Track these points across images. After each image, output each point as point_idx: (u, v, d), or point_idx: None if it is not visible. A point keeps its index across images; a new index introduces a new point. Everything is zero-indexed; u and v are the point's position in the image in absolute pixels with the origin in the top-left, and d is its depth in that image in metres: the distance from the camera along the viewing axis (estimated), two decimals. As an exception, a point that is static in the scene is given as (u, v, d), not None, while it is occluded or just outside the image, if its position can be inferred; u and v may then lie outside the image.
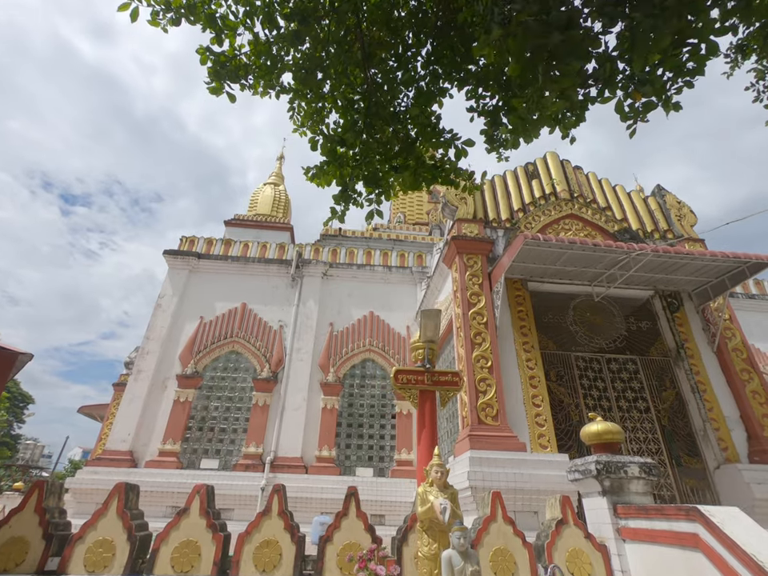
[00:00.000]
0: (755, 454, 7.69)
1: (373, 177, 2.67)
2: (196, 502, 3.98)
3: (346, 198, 2.79)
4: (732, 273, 8.45)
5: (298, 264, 14.26)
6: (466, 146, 2.59)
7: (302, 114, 2.73)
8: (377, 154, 2.60)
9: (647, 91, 1.92)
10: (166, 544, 3.76)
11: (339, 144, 2.56)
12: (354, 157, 2.63)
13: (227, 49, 2.47)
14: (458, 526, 2.64)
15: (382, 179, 2.70)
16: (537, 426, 7.60)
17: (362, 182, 2.70)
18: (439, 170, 2.71)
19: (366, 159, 2.62)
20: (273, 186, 19.24)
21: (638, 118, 2.06)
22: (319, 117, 2.67)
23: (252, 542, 3.84)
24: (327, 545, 3.89)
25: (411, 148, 2.60)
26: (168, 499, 10.28)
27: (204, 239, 14.83)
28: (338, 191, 2.76)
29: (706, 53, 2.06)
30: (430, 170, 2.70)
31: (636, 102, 2.01)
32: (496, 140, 2.51)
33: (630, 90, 1.98)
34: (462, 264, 9.11)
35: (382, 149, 2.60)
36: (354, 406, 12.43)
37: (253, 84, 2.55)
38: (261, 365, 12.59)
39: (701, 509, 3.22)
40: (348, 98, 2.51)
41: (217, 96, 2.50)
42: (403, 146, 2.59)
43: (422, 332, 3.60)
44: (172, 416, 11.66)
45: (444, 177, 2.75)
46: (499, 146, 2.54)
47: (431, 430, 3.59)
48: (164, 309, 13.17)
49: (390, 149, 2.62)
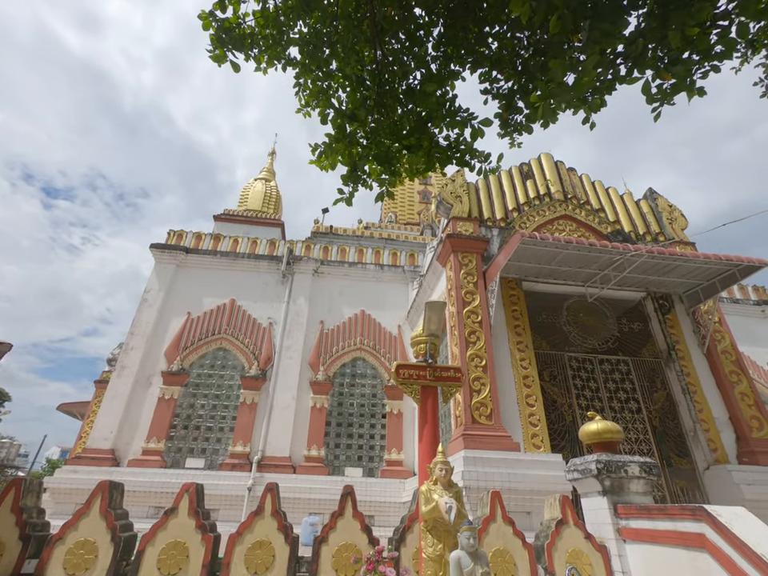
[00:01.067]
0: (744, 455, 7.76)
1: (384, 155, 2.54)
2: (185, 502, 3.80)
3: (355, 178, 2.66)
4: (723, 276, 8.53)
5: (288, 260, 14.05)
6: (483, 126, 2.48)
7: (308, 93, 2.59)
8: (387, 133, 2.48)
9: (678, 71, 1.84)
10: (153, 545, 3.57)
11: (350, 119, 2.42)
12: (366, 133, 2.50)
13: (231, 16, 2.32)
14: (466, 525, 2.52)
15: (394, 159, 2.58)
16: (530, 425, 7.55)
17: (374, 161, 2.57)
18: (454, 150, 2.60)
19: (377, 138, 2.50)
20: (264, 181, 18.95)
21: (665, 100, 1.98)
22: (325, 96, 2.53)
23: (244, 542, 3.67)
24: (322, 546, 3.74)
25: (424, 128, 2.49)
26: (151, 499, 9.98)
27: (192, 233, 14.51)
28: (347, 171, 2.62)
29: (737, 35, 1.99)
30: (444, 151, 2.59)
31: (666, 81, 1.93)
32: (510, 124, 2.41)
33: (659, 70, 1.90)
34: (457, 262, 9.04)
35: (392, 128, 2.47)
36: (343, 405, 12.27)
37: (257, 56, 2.41)
38: (249, 362, 12.34)
39: (707, 508, 3.16)
40: (357, 75, 2.38)
41: (219, 65, 2.35)
42: (415, 125, 2.47)
43: (425, 325, 3.49)
44: (156, 414, 11.35)
45: (459, 158, 2.64)
46: (513, 131, 2.43)
47: (433, 427, 3.48)
48: (150, 304, 12.83)
49: (402, 128, 2.49)
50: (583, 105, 2.14)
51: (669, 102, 2.00)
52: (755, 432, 7.98)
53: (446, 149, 2.58)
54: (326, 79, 2.50)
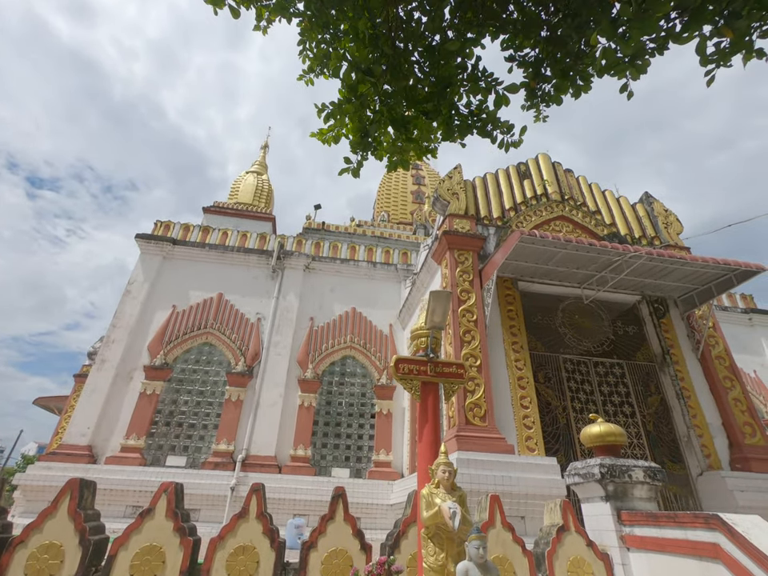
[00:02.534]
0: (736, 462, 7.70)
1: (401, 120, 2.30)
2: (162, 502, 3.51)
3: (365, 145, 2.42)
4: (719, 280, 8.49)
5: (279, 255, 13.72)
6: (508, 93, 2.26)
7: (313, 56, 2.34)
8: (402, 98, 2.25)
9: (740, 27, 1.65)
10: (126, 549, 3.27)
11: (365, 74, 2.18)
12: (379, 95, 2.26)
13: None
14: (475, 533, 2.30)
15: (410, 124, 2.34)
16: (525, 428, 7.38)
17: (388, 125, 2.33)
18: (475, 119, 2.37)
19: (390, 102, 2.27)
20: (256, 174, 18.57)
21: (721, 62, 1.79)
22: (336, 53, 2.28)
23: (226, 547, 3.40)
24: (311, 551, 3.49)
25: (443, 93, 2.26)
26: (129, 498, 9.58)
27: (180, 225, 14.11)
28: (354, 138, 2.38)
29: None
30: (464, 119, 2.36)
31: (727, 37, 1.73)
32: (536, 94, 2.20)
33: (719, 26, 1.71)
34: (453, 260, 8.85)
35: (407, 93, 2.24)
36: (332, 405, 11.99)
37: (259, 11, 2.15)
38: (236, 358, 11.99)
39: (722, 517, 2.99)
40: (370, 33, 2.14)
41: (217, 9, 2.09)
42: (433, 90, 2.25)
43: (428, 316, 3.26)
44: (137, 409, 10.94)
45: (480, 127, 2.41)
46: (540, 101, 2.23)
47: (434, 426, 3.25)
48: (134, 296, 12.40)
49: (418, 93, 2.27)
50: (630, 67, 1.93)
51: (725, 64, 1.81)
52: (748, 438, 7.92)
53: (467, 116, 2.36)
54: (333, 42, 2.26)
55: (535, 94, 2.25)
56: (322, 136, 2.62)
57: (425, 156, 2.91)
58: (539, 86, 2.22)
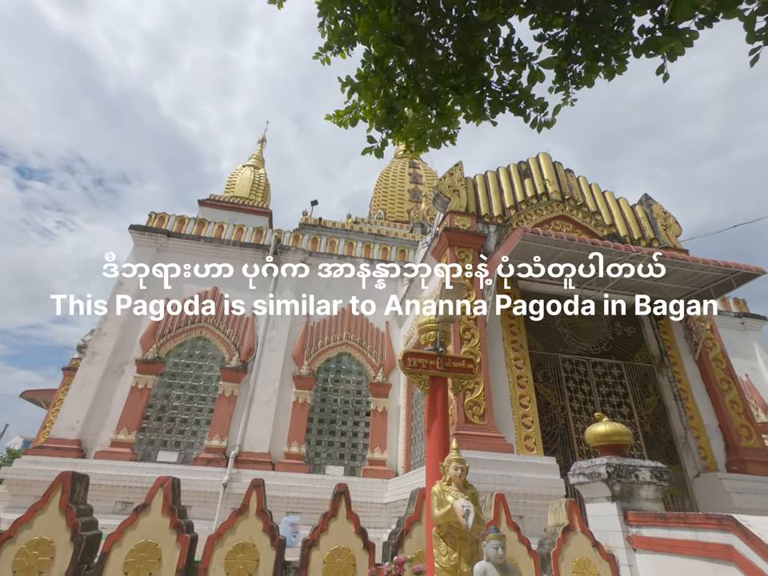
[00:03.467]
0: (733, 464, 7.71)
1: (431, 94, 2.20)
2: (158, 497, 3.38)
3: (391, 122, 2.31)
4: (717, 283, 8.49)
5: (276, 250, 13.56)
6: (543, 68, 2.16)
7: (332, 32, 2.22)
8: (430, 73, 2.15)
9: None
10: (120, 546, 3.14)
11: (395, 42, 2.06)
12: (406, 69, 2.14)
13: None
14: (494, 533, 2.21)
15: (441, 99, 2.23)
16: (524, 427, 7.33)
17: (417, 99, 2.22)
18: (508, 96, 2.26)
19: (417, 78, 2.16)
20: (252, 168, 18.34)
21: None
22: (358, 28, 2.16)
23: (224, 545, 3.27)
24: (312, 550, 3.38)
25: (473, 68, 2.16)
26: (119, 494, 9.40)
27: (175, 217, 13.88)
28: (382, 113, 2.26)
29: None
30: (496, 95, 2.26)
31: None
32: (566, 76, 2.10)
33: None
34: (453, 257, 8.76)
35: (435, 68, 2.14)
36: (327, 401, 11.87)
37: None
38: (230, 353, 11.82)
39: (737, 518, 2.92)
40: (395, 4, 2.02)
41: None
42: (463, 64, 2.14)
43: (439, 309, 3.16)
44: (128, 404, 10.73)
45: (513, 104, 2.30)
46: (571, 83, 2.13)
47: (443, 421, 3.16)
48: (126, 288, 12.17)
49: (447, 68, 2.16)
50: (674, 44, 1.83)
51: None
52: (744, 440, 7.94)
53: (499, 93, 2.25)
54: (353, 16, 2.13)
55: (565, 75, 2.16)
56: (339, 118, 2.50)
57: (444, 142, 2.80)
58: (570, 67, 2.12)
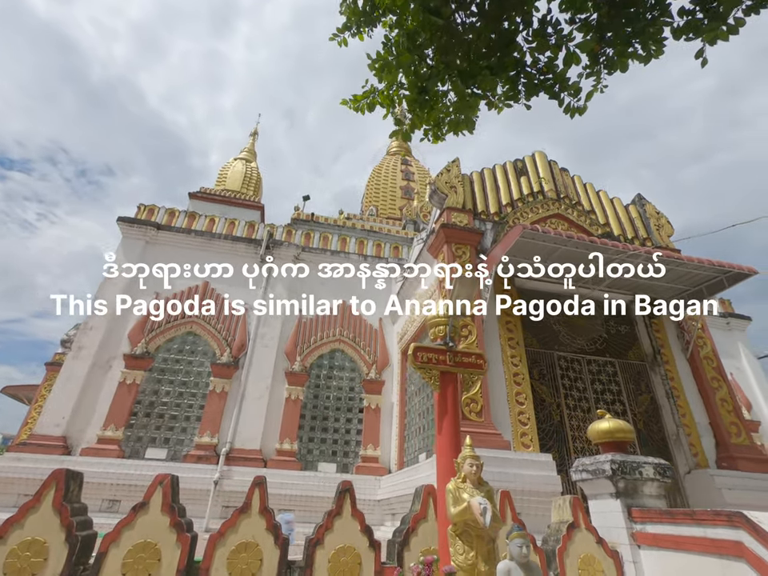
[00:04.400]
0: (723, 460, 7.84)
1: (467, 71, 2.11)
2: (157, 496, 3.25)
3: (422, 102, 2.22)
4: (710, 282, 8.61)
5: (268, 245, 13.36)
6: (580, 50, 2.09)
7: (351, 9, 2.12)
8: (461, 52, 2.06)
9: None
10: (117, 546, 3.01)
11: (433, 13, 1.97)
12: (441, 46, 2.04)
13: None
14: (517, 531, 2.16)
15: (478, 76, 2.15)
16: (520, 424, 7.33)
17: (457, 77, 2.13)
18: (543, 79, 2.20)
19: (448, 58, 2.07)
20: (244, 161, 18.06)
21: None
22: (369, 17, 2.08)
23: (226, 544, 3.17)
24: (317, 549, 3.30)
25: (506, 49, 2.08)
26: (106, 492, 9.17)
27: (165, 209, 13.58)
28: (413, 93, 2.17)
29: None
30: (531, 77, 2.18)
31: None
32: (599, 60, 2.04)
33: None
34: (451, 253, 8.72)
35: (466, 48, 2.05)
36: (319, 398, 11.75)
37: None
38: (221, 349, 11.61)
39: (747, 514, 2.92)
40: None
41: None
42: (496, 44, 2.06)
43: (452, 303, 3.09)
44: (116, 399, 10.47)
45: (548, 87, 2.23)
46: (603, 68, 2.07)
47: (454, 417, 3.10)
48: (114, 281, 11.86)
49: (479, 47, 2.08)
50: (720, 26, 1.77)
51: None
52: (734, 438, 8.07)
53: (534, 75, 2.18)
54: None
55: (597, 60, 2.09)
56: (356, 103, 2.40)
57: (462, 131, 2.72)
58: (603, 51, 2.06)
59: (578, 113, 2.26)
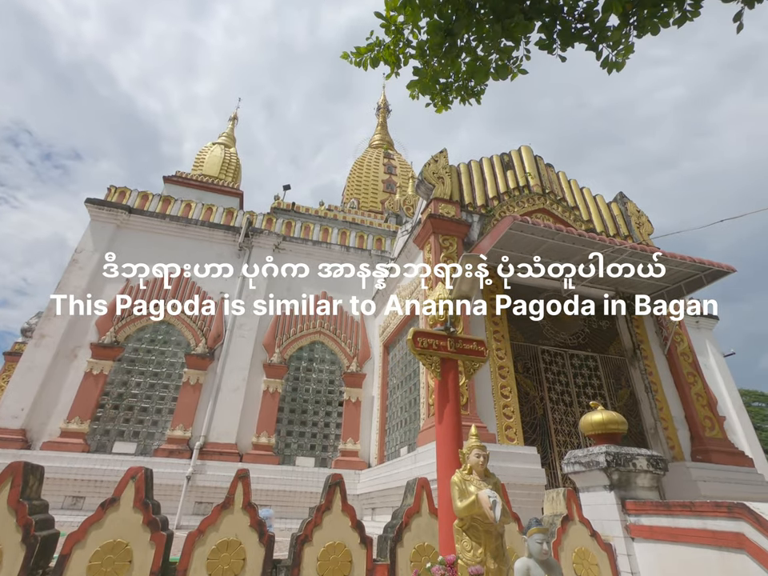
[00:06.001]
0: (697, 453, 8.01)
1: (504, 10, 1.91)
2: (129, 491, 2.96)
3: (446, 50, 2.01)
4: (689, 280, 8.76)
5: (247, 233, 12.92)
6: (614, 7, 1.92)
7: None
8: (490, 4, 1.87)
9: None
10: (82, 547, 2.71)
11: None
12: None
13: None
14: (536, 526, 2.01)
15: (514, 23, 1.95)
16: (504, 417, 7.27)
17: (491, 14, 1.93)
18: (580, 27, 2.02)
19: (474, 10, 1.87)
20: (223, 146, 17.41)
21: None
22: None
23: (206, 543, 2.91)
24: (305, 546, 3.08)
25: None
26: (68, 488, 8.65)
27: (138, 192, 12.93)
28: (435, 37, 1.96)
29: None
30: (568, 25, 2.01)
31: None
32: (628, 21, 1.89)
33: None
34: (437, 245, 8.58)
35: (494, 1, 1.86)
36: (298, 391, 11.47)
37: None
38: (196, 339, 11.16)
39: (749, 505, 2.87)
40: None
41: None
42: None
43: (456, 285, 2.91)
44: (81, 391, 9.90)
45: (586, 37, 2.06)
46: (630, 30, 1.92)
47: (455, 406, 2.93)
48: (81, 266, 11.21)
49: None
50: None
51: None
52: (708, 431, 8.27)
53: (570, 22, 2.00)
54: None
55: (627, 20, 1.94)
56: (359, 56, 2.18)
57: (468, 100, 2.53)
58: (634, 10, 1.91)
59: (615, 68, 2.10)
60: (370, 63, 2.22)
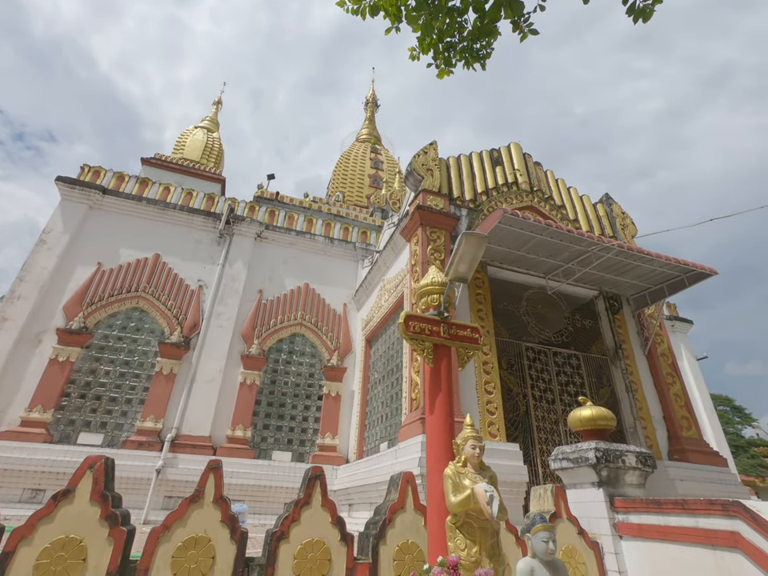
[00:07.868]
0: (674, 453, 8.09)
1: None
2: (86, 481, 2.67)
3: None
4: (671, 281, 8.84)
5: (228, 220, 12.49)
6: None
7: None
8: None
9: None
10: (29, 544, 2.42)
11: None
12: None
13: None
14: (541, 523, 1.84)
15: None
16: (488, 413, 7.17)
17: None
18: None
19: None
20: (206, 131, 16.83)
21: None
22: None
23: (172, 540, 2.65)
24: (281, 543, 2.85)
25: None
26: (28, 480, 8.17)
27: (114, 173, 12.35)
28: None
29: None
30: None
31: None
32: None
33: None
34: (425, 237, 8.41)
35: None
36: (276, 384, 11.16)
37: None
38: (171, 327, 10.72)
39: (745, 503, 2.78)
40: None
41: None
42: None
43: (453, 265, 2.73)
44: (45, 378, 9.37)
45: None
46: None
47: (448, 395, 2.75)
48: (49, 246, 10.62)
49: None
50: None
51: None
52: (685, 431, 8.36)
53: None
54: None
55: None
56: (357, 3, 1.97)
57: (473, 65, 2.35)
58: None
59: (642, 17, 1.94)
60: (369, 11, 2.02)
